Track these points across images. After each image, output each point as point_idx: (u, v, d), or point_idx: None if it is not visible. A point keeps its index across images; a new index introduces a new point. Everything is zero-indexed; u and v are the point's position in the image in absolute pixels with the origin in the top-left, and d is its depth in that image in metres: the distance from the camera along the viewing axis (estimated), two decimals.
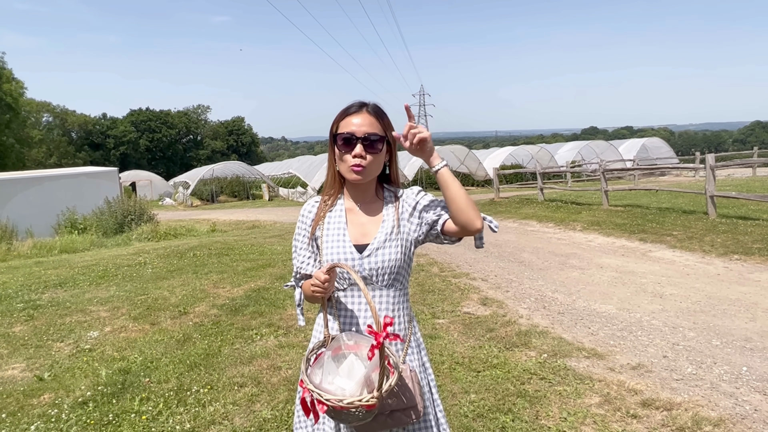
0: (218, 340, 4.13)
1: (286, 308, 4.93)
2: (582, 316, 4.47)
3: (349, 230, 1.43)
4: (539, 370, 3.33)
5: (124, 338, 4.29)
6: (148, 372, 3.51)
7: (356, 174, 1.37)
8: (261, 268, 6.93)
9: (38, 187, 14.63)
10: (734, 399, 2.86)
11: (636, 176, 20.70)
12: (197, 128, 67.49)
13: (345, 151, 1.38)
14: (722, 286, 5.09)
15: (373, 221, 1.44)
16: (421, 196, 1.46)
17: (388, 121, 1.43)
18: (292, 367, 3.50)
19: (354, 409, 1.13)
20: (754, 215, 8.23)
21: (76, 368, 3.65)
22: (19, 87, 37.12)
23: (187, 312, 4.97)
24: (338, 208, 1.47)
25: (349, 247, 1.41)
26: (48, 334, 4.50)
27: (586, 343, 3.82)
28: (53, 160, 48.51)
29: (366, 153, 1.36)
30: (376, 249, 1.40)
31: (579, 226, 9.33)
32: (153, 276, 6.74)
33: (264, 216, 17.71)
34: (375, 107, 1.42)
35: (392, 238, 1.41)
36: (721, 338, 3.77)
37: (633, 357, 3.52)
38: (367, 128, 1.37)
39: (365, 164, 1.37)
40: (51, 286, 6.38)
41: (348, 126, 1.38)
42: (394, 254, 1.40)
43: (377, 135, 1.37)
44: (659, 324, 4.15)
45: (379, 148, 1.38)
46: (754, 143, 57.68)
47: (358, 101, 1.44)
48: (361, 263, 1.39)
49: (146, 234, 12.35)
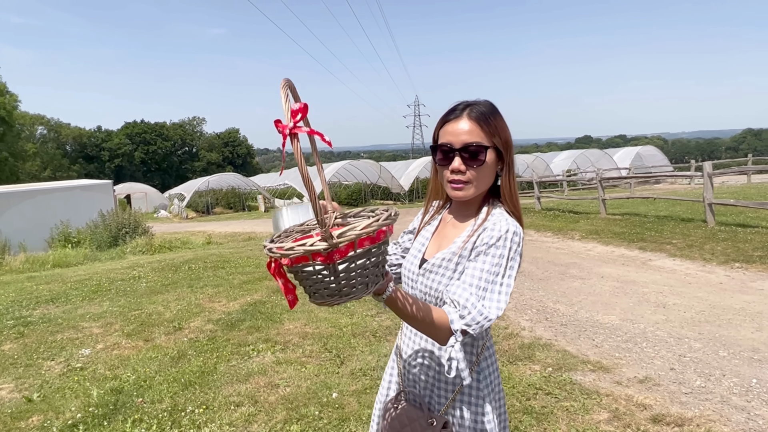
0: (214, 356, 4.02)
1: (283, 322, 4.83)
2: (585, 327, 4.39)
3: (431, 241, 1.30)
4: (545, 385, 3.24)
5: (116, 356, 4.18)
6: (141, 391, 3.40)
7: (457, 191, 1.19)
8: (257, 281, 6.83)
9: (31, 201, 14.47)
10: (746, 413, 2.79)
11: (632, 184, 20.76)
12: (192, 140, 67.45)
13: (443, 164, 1.20)
14: (725, 295, 5.03)
15: (452, 236, 1.25)
16: (485, 248, 1.13)
17: (497, 123, 1.18)
18: (290, 384, 3.40)
19: (309, 265, 0.91)
20: (753, 222, 8.21)
21: (67, 388, 3.53)
22: (12, 100, 36.99)
23: (182, 327, 4.85)
24: (437, 218, 1.34)
25: (417, 259, 1.28)
26: (38, 352, 4.37)
27: (591, 355, 3.74)
28: (47, 173, 48.26)
29: (466, 167, 1.16)
30: (430, 269, 1.23)
31: (577, 235, 9.28)
32: (147, 290, 6.62)
33: (260, 228, 17.58)
34: (479, 109, 1.18)
35: (451, 260, 1.20)
36: (727, 349, 3.70)
37: (640, 370, 3.44)
38: (466, 137, 1.15)
39: (466, 179, 1.17)
40: (43, 302, 6.24)
41: (446, 135, 1.19)
42: (445, 282, 1.19)
43: (479, 144, 1.15)
44: (664, 335, 4.07)
45: (482, 159, 1.16)
46: (746, 150, 58.20)
47: (463, 102, 1.21)
48: (417, 279, 1.25)
49: (141, 247, 12.21)
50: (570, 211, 12.78)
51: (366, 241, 0.91)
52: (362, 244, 0.90)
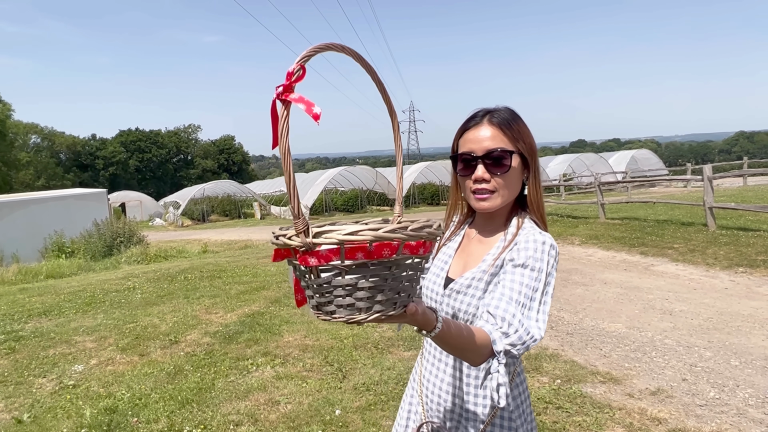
0: (211, 372, 3.89)
1: (283, 335, 4.71)
2: (592, 336, 4.30)
3: (454, 259, 1.19)
4: (554, 398, 3.14)
5: (110, 372, 4.04)
6: (137, 410, 3.27)
7: (482, 202, 1.10)
8: (255, 291, 6.70)
9: (25, 211, 14.29)
10: (765, 426, 2.69)
11: (629, 188, 20.77)
12: (188, 148, 67.19)
13: (465, 174, 1.11)
14: (732, 301, 4.96)
15: (479, 252, 1.15)
16: (523, 260, 1.03)
17: (519, 128, 1.11)
18: (291, 401, 3.28)
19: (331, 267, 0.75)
20: (754, 226, 8.17)
21: (59, 407, 3.40)
22: (6, 109, 36.79)
23: (178, 341, 4.73)
24: (460, 233, 1.24)
25: (441, 279, 1.17)
26: (29, 369, 4.23)
27: (599, 366, 3.65)
28: (41, 182, 47.86)
29: (490, 174, 1.09)
30: (458, 290, 1.11)
31: (577, 240, 9.21)
32: (142, 302, 6.48)
33: (256, 235, 17.43)
34: (500, 114, 1.11)
35: (482, 279, 1.09)
36: (739, 358, 3.62)
37: (651, 381, 3.35)
38: (489, 143, 1.08)
39: (491, 188, 1.09)
40: (35, 315, 6.09)
41: (466, 143, 1.11)
42: (475, 303, 1.08)
43: (503, 149, 1.08)
44: (673, 343, 3.99)
45: (507, 164, 1.08)
46: (739, 153, 58.57)
47: (483, 109, 1.13)
48: (442, 300, 1.15)
49: (136, 257, 12.04)
50: (568, 215, 12.72)
51: (359, 252, 0.73)
52: (353, 255, 0.73)
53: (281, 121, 0.76)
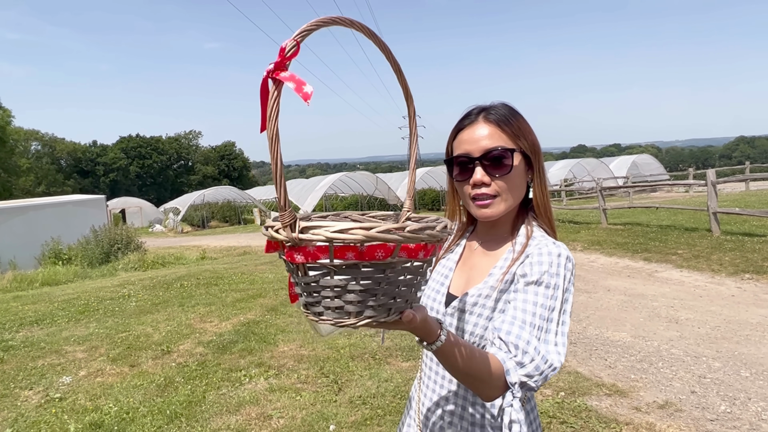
0: (203, 383, 3.76)
1: (278, 344, 4.58)
2: (596, 345, 4.17)
3: (455, 273, 1.06)
4: (558, 413, 3.01)
5: (99, 384, 3.91)
6: (123, 425, 3.14)
7: (483, 209, 0.98)
8: (251, 298, 6.58)
9: (22, 217, 14.19)
10: None
11: (630, 193, 20.65)
12: (188, 154, 67.23)
13: (462, 179, 0.99)
14: (739, 308, 4.82)
15: (484, 266, 1.02)
16: (537, 276, 0.91)
17: (519, 124, 0.99)
18: (284, 415, 3.15)
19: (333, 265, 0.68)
20: (759, 231, 8.03)
21: (43, 422, 3.27)
22: (6, 115, 36.80)
23: (171, 351, 4.60)
24: (460, 244, 1.11)
25: (441, 296, 1.05)
26: (16, 380, 4.10)
27: (604, 377, 3.52)
28: (41, 189, 47.86)
29: (490, 177, 0.96)
30: (462, 308, 0.99)
31: (579, 246, 9.08)
32: (136, 310, 6.35)
33: (255, 241, 17.32)
34: (497, 111, 0.99)
35: (489, 296, 0.96)
36: (749, 369, 3.49)
37: (659, 393, 3.22)
38: (487, 142, 0.96)
39: (492, 192, 0.97)
40: (27, 324, 5.97)
41: (462, 145, 0.99)
42: (482, 323, 0.96)
43: (503, 148, 0.96)
44: (680, 353, 3.86)
45: (509, 164, 0.96)
46: (740, 158, 58.46)
47: (477, 106, 1.02)
48: (444, 320, 1.01)
49: (133, 263, 11.92)
50: (570, 221, 12.60)
51: (350, 252, 0.67)
52: (343, 254, 0.67)
53: (271, 101, 0.68)
